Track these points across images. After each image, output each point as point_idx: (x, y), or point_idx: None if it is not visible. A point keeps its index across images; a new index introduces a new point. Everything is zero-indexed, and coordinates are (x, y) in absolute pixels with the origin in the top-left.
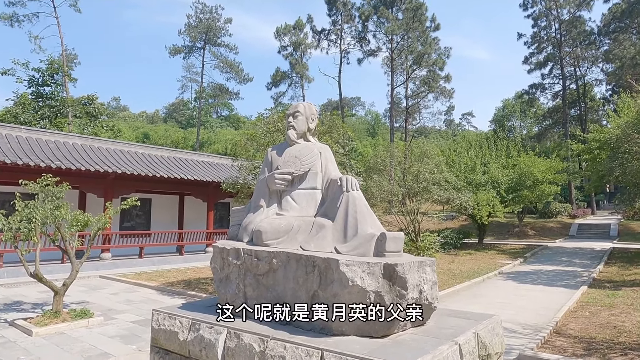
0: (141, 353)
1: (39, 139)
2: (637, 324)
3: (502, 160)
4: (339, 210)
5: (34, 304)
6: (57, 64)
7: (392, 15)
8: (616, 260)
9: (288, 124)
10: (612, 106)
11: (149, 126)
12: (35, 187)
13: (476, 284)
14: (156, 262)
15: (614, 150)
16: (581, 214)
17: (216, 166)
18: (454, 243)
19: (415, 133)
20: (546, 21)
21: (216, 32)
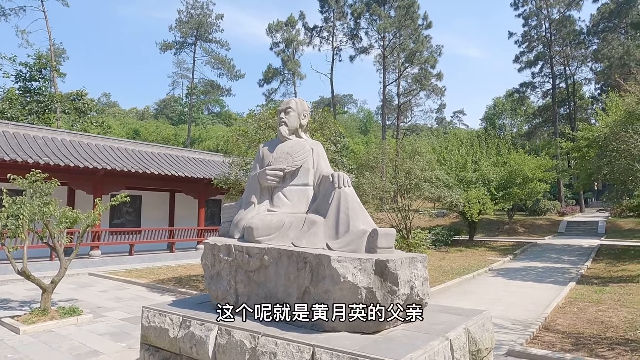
0: (131, 350)
1: (27, 135)
2: (623, 319)
3: (492, 158)
4: (330, 207)
5: (21, 301)
6: (45, 58)
7: (384, 13)
8: (604, 257)
9: (280, 120)
10: (601, 105)
11: (139, 122)
12: (23, 183)
13: (466, 281)
14: (146, 259)
15: (603, 149)
16: (570, 212)
17: (207, 163)
18: (444, 240)
19: (407, 131)
20: (536, 20)
21: (207, 28)
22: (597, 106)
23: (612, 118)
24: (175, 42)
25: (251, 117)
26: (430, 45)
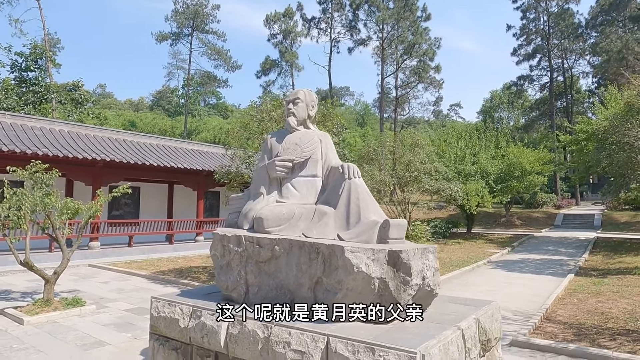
0: (137, 341)
1: (24, 125)
2: (623, 310)
3: (491, 151)
4: (341, 198)
5: (23, 292)
6: (40, 48)
7: (383, 4)
8: (600, 249)
9: (288, 110)
10: (598, 98)
11: (135, 114)
12: (24, 174)
13: (466, 273)
14: (146, 251)
15: (602, 142)
16: (566, 205)
17: (206, 155)
18: (443, 232)
19: (404, 123)
20: (535, 13)
21: (204, 18)
22: (594, 99)
23: (611, 111)
24: (171, 32)
25: (253, 109)
26: (429, 37)
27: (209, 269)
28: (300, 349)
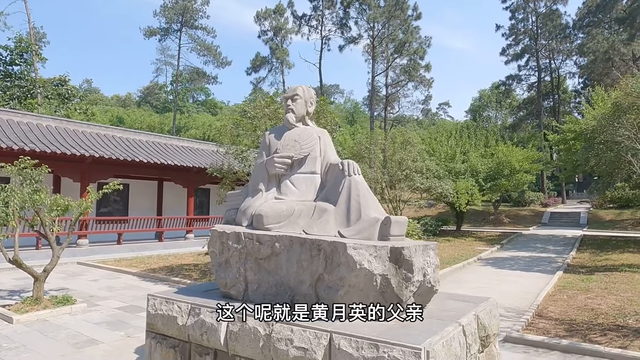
0: (130, 339)
1: (10, 120)
2: (612, 306)
3: (480, 150)
4: (341, 194)
5: (10, 290)
6: (25, 42)
7: (374, 3)
8: (587, 247)
9: (287, 107)
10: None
11: (122, 110)
12: (12, 170)
13: (458, 270)
14: (135, 248)
15: (590, 141)
16: (552, 203)
17: (196, 151)
18: (432, 230)
19: (394, 121)
20: (524, 13)
21: (193, 13)
22: (581, 99)
23: (598, 111)
24: (160, 28)
25: (247, 105)
26: (419, 36)
27: (200, 266)
28: (303, 345)
